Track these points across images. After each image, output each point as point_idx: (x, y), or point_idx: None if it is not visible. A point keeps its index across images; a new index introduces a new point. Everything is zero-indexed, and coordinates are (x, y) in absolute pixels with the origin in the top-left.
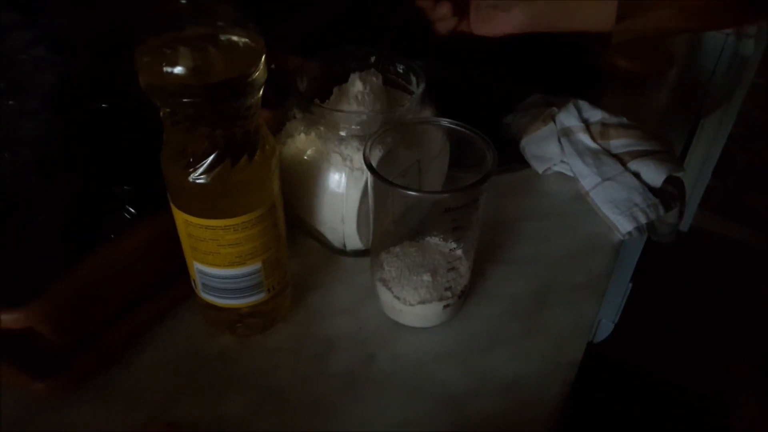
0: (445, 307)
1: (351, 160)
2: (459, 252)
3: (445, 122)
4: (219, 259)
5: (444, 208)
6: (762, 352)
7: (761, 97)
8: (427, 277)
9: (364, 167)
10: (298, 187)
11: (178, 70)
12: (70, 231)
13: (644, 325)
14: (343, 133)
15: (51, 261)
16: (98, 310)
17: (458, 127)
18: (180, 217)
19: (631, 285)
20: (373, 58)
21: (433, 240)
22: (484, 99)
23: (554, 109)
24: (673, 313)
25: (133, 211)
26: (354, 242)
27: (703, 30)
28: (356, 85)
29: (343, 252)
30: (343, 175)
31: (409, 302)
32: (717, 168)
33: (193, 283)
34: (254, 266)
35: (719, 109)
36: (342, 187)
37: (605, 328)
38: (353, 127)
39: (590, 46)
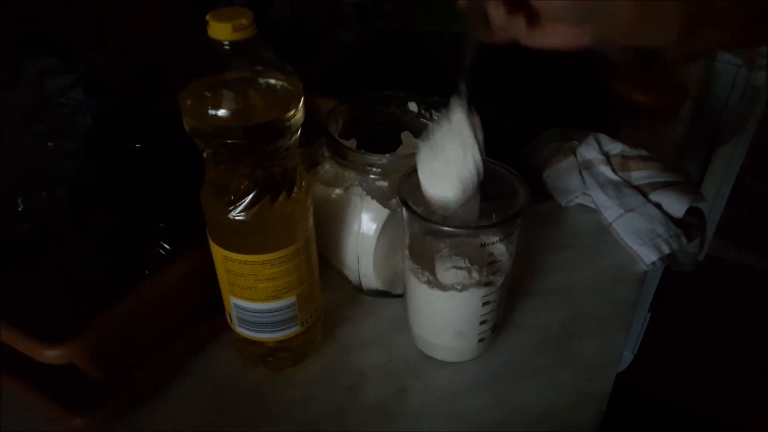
0: (480, 341)
1: (371, 201)
2: (494, 286)
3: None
4: (256, 294)
5: (480, 243)
6: None
7: None
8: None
9: (382, 207)
10: (321, 225)
11: (221, 112)
12: (107, 267)
13: (663, 354)
14: (371, 176)
15: (90, 297)
16: (136, 345)
17: (490, 164)
18: (218, 253)
19: (649, 315)
20: (411, 104)
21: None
22: (501, 134)
23: (575, 142)
24: (691, 342)
25: (168, 247)
26: (370, 281)
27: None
28: None
29: (360, 290)
30: (363, 214)
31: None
32: (731, 197)
33: (228, 318)
34: (289, 300)
35: (732, 139)
36: (361, 227)
37: (625, 358)
38: (376, 169)
39: (604, 80)
